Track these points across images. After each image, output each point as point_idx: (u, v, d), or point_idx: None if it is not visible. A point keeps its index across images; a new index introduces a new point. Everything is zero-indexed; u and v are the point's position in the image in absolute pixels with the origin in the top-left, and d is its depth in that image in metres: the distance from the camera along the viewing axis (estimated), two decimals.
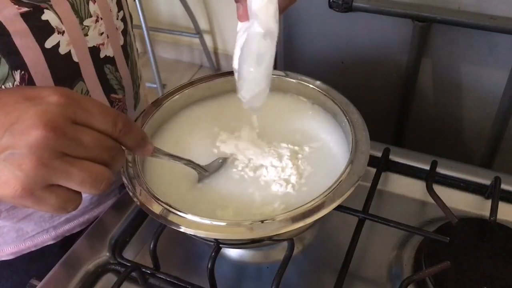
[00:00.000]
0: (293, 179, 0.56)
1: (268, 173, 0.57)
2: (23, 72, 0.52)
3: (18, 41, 0.51)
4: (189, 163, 0.56)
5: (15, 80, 0.52)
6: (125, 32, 0.65)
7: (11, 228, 0.64)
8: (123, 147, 0.43)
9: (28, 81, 0.53)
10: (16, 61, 0.52)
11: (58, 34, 0.53)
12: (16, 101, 0.38)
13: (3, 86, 0.52)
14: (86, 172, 0.39)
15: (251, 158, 0.59)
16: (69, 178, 0.38)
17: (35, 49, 0.52)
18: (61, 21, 0.53)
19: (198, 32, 2.25)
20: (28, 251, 0.67)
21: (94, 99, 0.42)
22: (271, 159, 0.58)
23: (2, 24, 0.49)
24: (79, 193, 0.40)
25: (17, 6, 0.50)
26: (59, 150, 0.37)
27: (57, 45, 0.54)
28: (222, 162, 0.59)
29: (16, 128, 0.37)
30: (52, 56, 0.54)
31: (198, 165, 0.56)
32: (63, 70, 0.56)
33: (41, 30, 0.52)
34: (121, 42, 0.64)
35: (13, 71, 0.52)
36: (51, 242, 0.69)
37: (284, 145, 0.60)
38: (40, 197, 0.38)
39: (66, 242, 0.69)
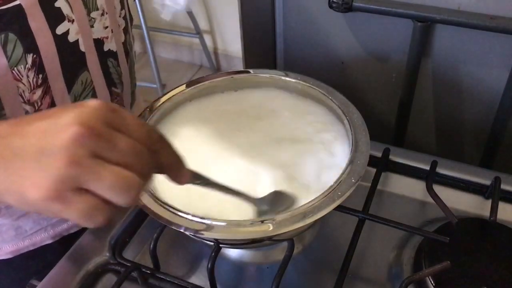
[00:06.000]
0: (293, 178, 0.56)
1: (268, 172, 0.57)
2: (35, 55, 0.55)
3: (33, 25, 0.54)
4: (239, 194, 0.51)
5: (27, 63, 0.55)
6: (125, 31, 0.68)
7: (10, 226, 0.65)
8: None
9: (38, 65, 0.56)
10: (30, 44, 0.54)
11: (68, 22, 0.57)
12: (59, 109, 0.38)
13: (15, 69, 0.54)
14: (117, 177, 0.36)
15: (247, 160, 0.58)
16: (99, 181, 0.35)
17: (47, 34, 0.55)
18: (71, 10, 0.57)
19: (198, 32, 2.25)
20: (27, 250, 0.68)
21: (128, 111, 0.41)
22: (269, 158, 0.58)
23: (22, 7, 0.52)
24: (108, 205, 0.37)
25: None
26: (92, 150, 0.35)
27: (67, 32, 0.57)
28: (277, 194, 0.54)
29: (52, 128, 0.36)
30: (61, 42, 0.57)
31: (251, 197, 0.52)
32: (70, 57, 0.59)
33: (54, 17, 0.55)
34: (122, 39, 0.67)
35: (26, 54, 0.54)
36: (50, 241, 0.69)
37: (284, 145, 0.60)
38: (69, 200, 0.35)
39: (64, 242, 0.69)
